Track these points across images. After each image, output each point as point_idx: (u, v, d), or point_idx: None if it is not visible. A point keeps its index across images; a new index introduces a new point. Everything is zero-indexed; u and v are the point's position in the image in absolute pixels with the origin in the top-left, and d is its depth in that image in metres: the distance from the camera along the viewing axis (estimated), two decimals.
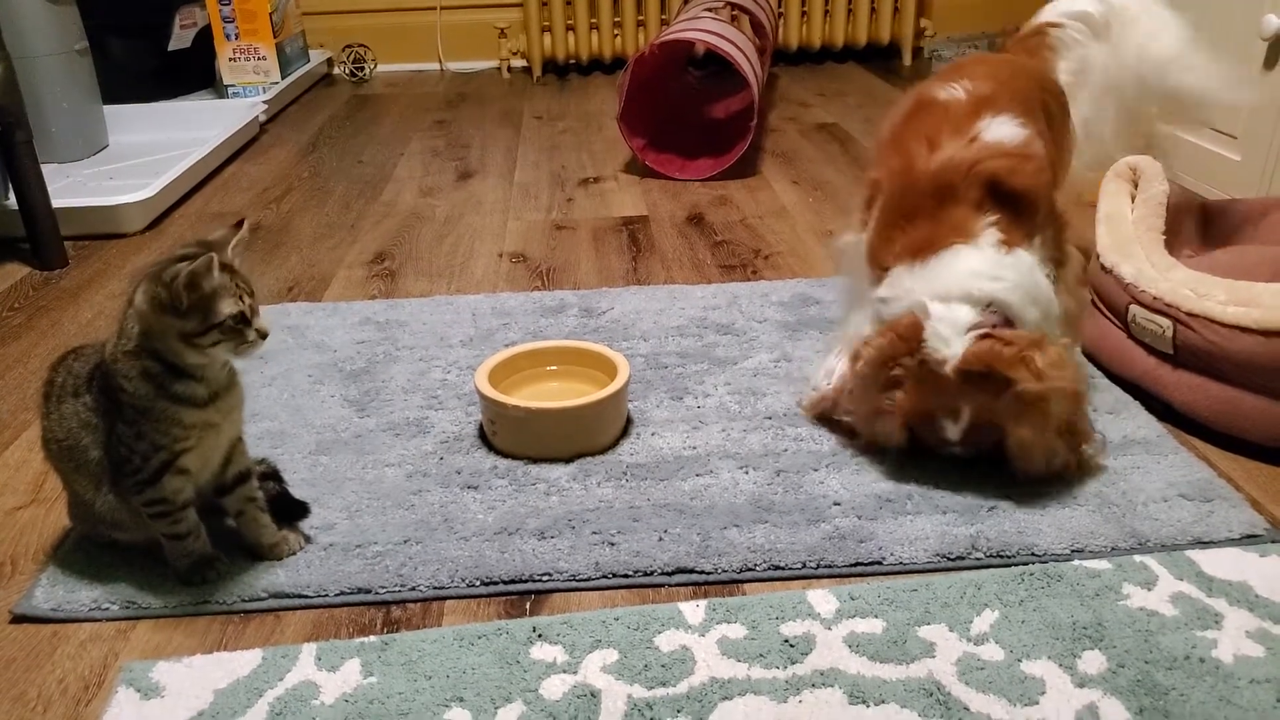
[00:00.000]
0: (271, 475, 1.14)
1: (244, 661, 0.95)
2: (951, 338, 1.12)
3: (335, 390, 1.43)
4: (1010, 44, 1.58)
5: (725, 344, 1.55)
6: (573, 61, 3.58)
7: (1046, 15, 1.59)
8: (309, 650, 0.96)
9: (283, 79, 3.11)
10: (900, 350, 1.15)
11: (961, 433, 1.15)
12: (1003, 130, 1.22)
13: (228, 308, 0.93)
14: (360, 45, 3.59)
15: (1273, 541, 1.07)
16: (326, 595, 1.03)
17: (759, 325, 1.61)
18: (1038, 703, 0.88)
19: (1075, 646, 0.94)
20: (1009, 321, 1.15)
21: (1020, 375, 1.09)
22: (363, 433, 1.33)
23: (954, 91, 1.27)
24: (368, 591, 1.04)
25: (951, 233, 1.18)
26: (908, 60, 3.54)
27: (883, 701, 0.89)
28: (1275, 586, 1.00)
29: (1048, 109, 1.35)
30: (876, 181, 1.30)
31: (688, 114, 2.78)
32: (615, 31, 3.51)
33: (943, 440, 1.17)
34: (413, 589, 1.04)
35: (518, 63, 3.63)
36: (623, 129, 2.38)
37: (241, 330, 0.95)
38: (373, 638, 0.98)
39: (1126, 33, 1.56)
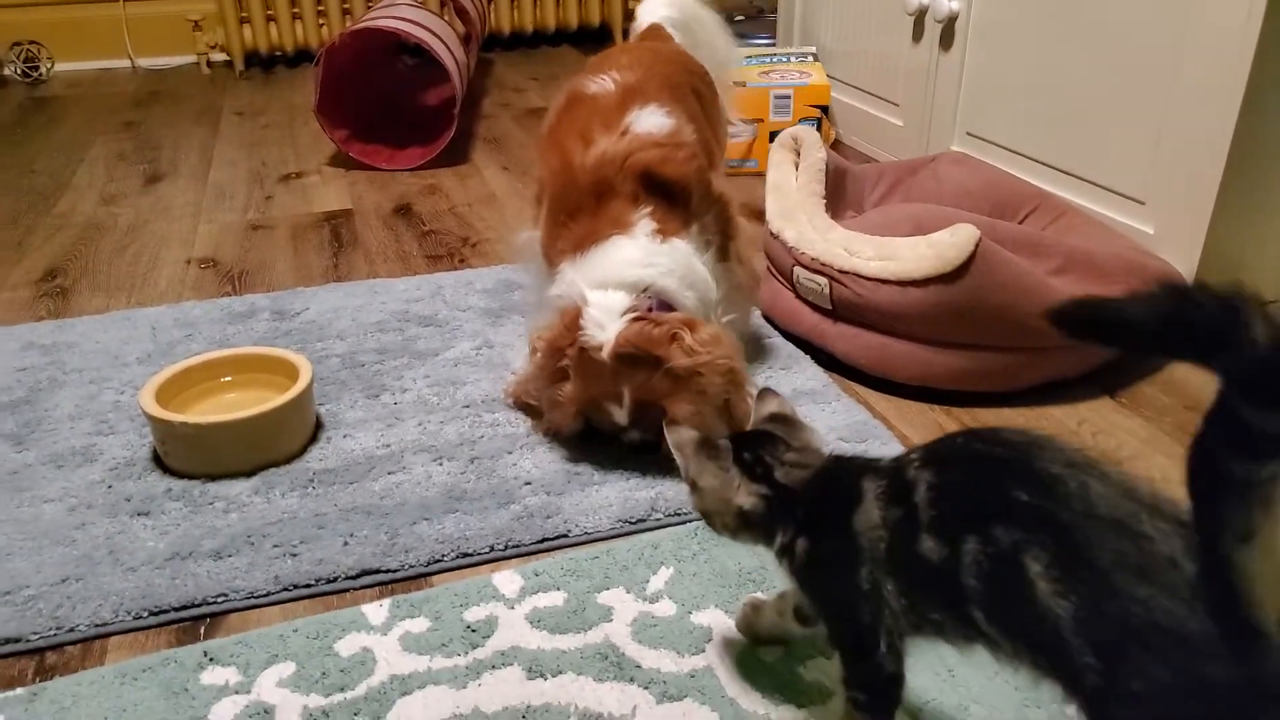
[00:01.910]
0: None
1: None
2: (606, 323, 1.15)
3: None
4: (638, 37, 1.66)
5: (427, 336, 1.54)
6: (279, 53, 3.42)
7: (647, 18, 1.69)
8: None
9: None
10: (565, 340, 1.17)
11: (628, 415, 1.17)
12: (651, 121, 1.27)
13: None
14: (32, 42, 3.27)
15: None
16: None
17: (462, 314, 1.61)
18: (704, 650, 0.93)
19: (740, 592, 1.00)
20: (667, 306, 1.20)
21: (670, 353, 1.12)
22: (19, 469, 1.22)
23: (604, 84, 1.31)
24: (17, 640, 0.96)
25: (609, 225, 1.21)
26: (619, 41, 3.62)
27: (560, 672, 0.91)
28: None
29: (697, 91, 1.42)
30: (543, 179, 1.32)
31: (399, 102, 2.72)
32: (320, 20, 3.38)
33: (614, 425, 1.20)
34: (71, 630, 0.97)
35: (218, 56, 3.43)
36: (321, 121, 2.30)
37: None
38: (20, 690, 0.90)
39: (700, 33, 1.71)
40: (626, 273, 1.19)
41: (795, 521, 0.77)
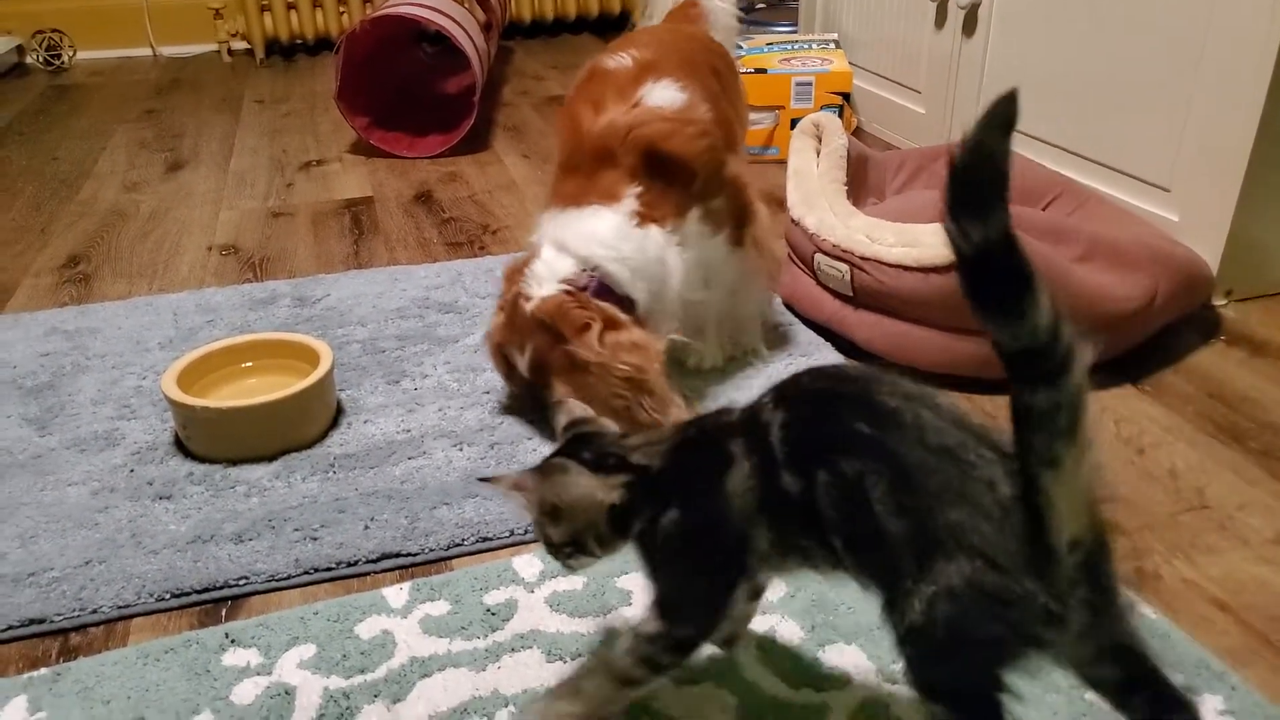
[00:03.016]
0: None
1: None
2: (544, 282, 1.17)
3: (11, 410, 1.32)
4: (668, 16, 1.65)
5: (447, 322, 1.54)
6: (299, 41, 3.43)
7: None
8: None
9: None
10: (515, 281, 1.21)
11: (526, 367, 1.20)
12: (664, 95, 1.26)
13: None
14: (54, 31, 3.29)
15: None
16: None
17: (482, 301, 1.61)
18: None
19: None
20: (608, 290, 1.18)
21: (574, 338, 1.13)
22: (43, 452, 1.23)
23: (622, 60, 1.30)
24: (41, 621, 0.97)
25: (596, 194, 1.22)
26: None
27: (580, 655, 0.91)
28: None
29: (717, 71, 1.40)
30: (558, 146, 1.32)
31: (419, 90, 2.72)
32: (341, 8, 3.38)
33: (516, 369, 1.23)
34: (94, 611, 0.98)
35: (239, 45, 3.44)
36: (342, 108, 2.30)
37: None
38: (44, 670, 0.91)
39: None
40: (583, 246, 1.19)
41: (662, 497, 0.75)
